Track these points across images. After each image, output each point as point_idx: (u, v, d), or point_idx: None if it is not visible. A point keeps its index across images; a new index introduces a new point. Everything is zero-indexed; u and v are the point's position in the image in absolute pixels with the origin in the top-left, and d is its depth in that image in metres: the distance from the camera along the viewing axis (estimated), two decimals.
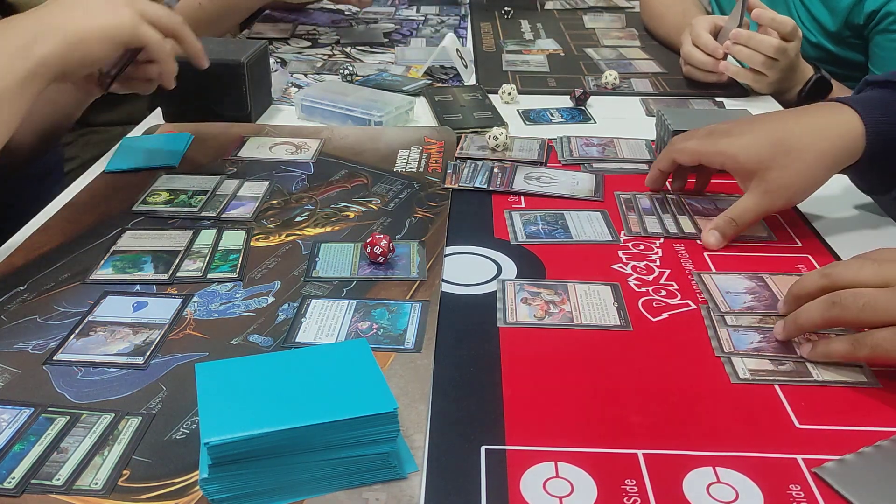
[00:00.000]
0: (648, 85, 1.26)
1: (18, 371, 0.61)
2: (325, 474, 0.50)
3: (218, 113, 1.08)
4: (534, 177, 0.94)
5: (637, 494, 0.50)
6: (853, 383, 0.60)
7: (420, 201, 0.88)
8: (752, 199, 0.78)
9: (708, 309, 0.69)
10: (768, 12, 1.13)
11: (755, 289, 0.70)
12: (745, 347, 0.64)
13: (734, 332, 0.66)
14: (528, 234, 0.81)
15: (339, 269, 0.75)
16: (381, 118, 1.07)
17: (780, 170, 0.76)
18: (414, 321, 0.67)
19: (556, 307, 0.70)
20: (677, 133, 0.94)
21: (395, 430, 0.50)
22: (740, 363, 0.62)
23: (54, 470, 0.52)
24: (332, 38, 1.51)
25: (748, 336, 0.65)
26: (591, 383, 0.61)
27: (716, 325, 0.67)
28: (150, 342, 0.65)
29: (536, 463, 0.53)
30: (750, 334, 0.65)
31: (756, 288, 0.70)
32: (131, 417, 0.56)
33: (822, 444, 0.55)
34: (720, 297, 0.69)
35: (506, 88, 1.19)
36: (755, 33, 1.14)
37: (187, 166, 0.96)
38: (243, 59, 1.05)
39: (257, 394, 0.50)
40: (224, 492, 0.48)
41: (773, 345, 0.64)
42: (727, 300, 0.69)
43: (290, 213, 0.86)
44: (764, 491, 0.51)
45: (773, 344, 0.64)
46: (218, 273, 0.74)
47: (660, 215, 0.84)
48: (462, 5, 1.80)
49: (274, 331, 0.66)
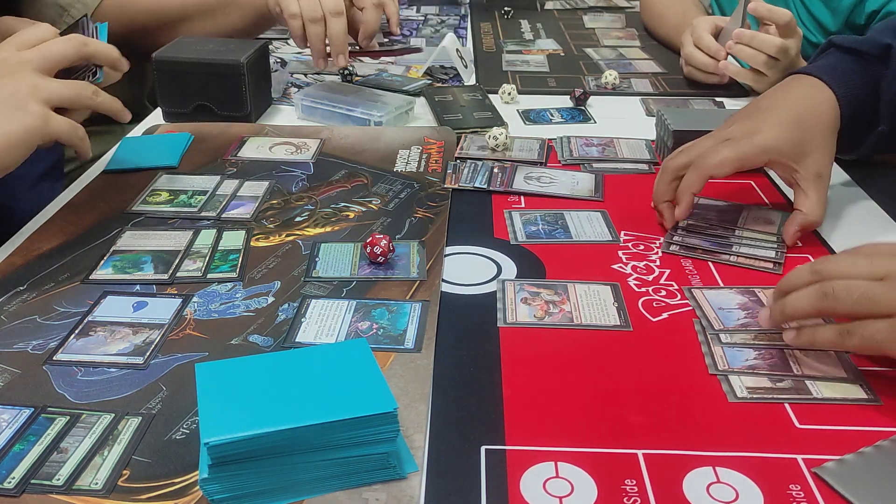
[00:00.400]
0: (648, 85, 1.26)
1: (18, 371, 0.61)
2: (325, 474, 0.50)
3: (218, 113, 1.08)
4: (534, 177, 0.94)
5: (637, 494, 0.50)
6: (853, 400, 0.59)
7: (420, 201, 0.88)
8: (813, 188, 0.79)
9: (702, 325, 0.67)
10: (764, 5, 1.14)
11: (748, 304, 0.69)
12: (740, 365, 0.62)
13: (728, 349, 0.64)
14: (528, 234, 0.81)
15: (339, 269, 0.75)
16: (381, 118, 1.07)
17: (816, 150, 0.79)
18: (414, 321, 0.67)
19: (556, 307, 0.70)
20: (678, 133, 0.94)
21: (394, 430, 0.50)
22: (737, 381, 0.60)
23: (54, 470, 0.52)
24: None
25: (743, 353, 0.63)
26: (591, 383, 0.60)
27: (710, 342, 0.65)
28: (150, 342, 0.65)
29: (536, 463, 0.53)
30: (745, 351, 0.63)
31: (749, 304, 0.69)
32: (131, 417, 0.56)
33: (822, 444, 0.55)
34: (713, 315, 0.68)
35: (506, 88, 1.19)
36: (757, 33, 1.14)
37: (187, 166, 0.96)
38: (243, 59, 1.05)
39: (257, 394, 0.50)
40: (224, 492, 0.48)
41: (769, 362, 0.62)
42: (720, 317, 0.67)
43: (290, 213, 0.86)
44: (764, 491, 0.51)
45: (769, 361, 0.62)
46: (218, 273, 0.74)
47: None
48: (462, 5, 1.81)
49: (274, 331, 0.66)
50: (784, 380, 0.61)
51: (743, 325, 0.66)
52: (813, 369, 0.61)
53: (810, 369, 0.61)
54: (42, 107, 0.73)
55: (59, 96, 0.75)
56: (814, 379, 0.60)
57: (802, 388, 0.60)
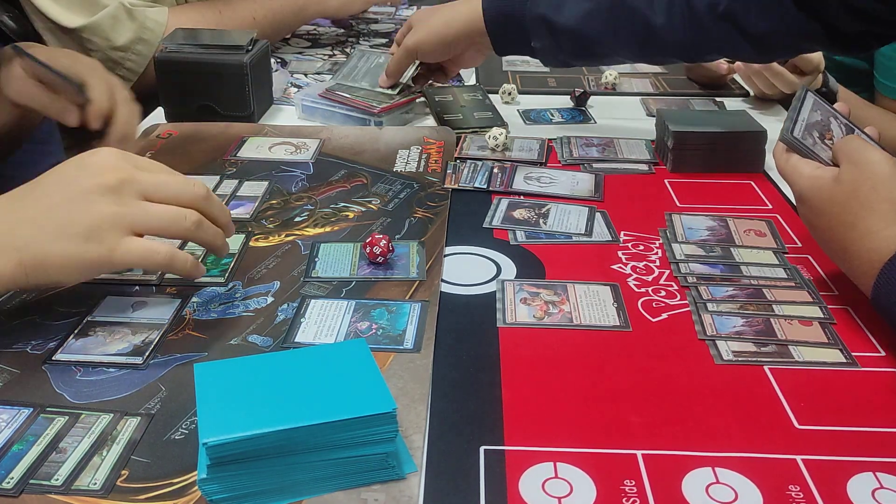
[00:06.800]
0: (648, 85, 1.26)
1: (18, 371, 0.61)
2: (324, 474, 0.50)
3: (220, 113, 1.08)
4: (534, 177, 0.94)
5: (636, 495, 0.50)
6: (832, 364, 0.62)
7: (420, 201, 0.88)
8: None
9: (692, 296, 0.70)
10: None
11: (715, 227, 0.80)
12: (728, 331, 0.66)
13: (717, 317, 0.68)
14: (527, 235, 0.81)
15: (339, 269, 0.75)
16: (381, 118, 1.07)
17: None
18: (413, 321, 0.67)
19: (556, 307, 0.70)
20: (678, 133, 0.94)
21: (393, 431, 0.50)
22: (724, 346, 0.64)
23: (53, 470, 0.52)
24: (333, 38, 1.51)
25: (731, 321, 0.67)
26: (590, 383, 0.60)
27: (699, 310, 0.68)
28: (150, 342, 0.65)
29: (535, 463, 0.53)
30: (732, 319, 0.67)
31: (716, 227, 0.80)
32: (130, 417, 0.56)
33: (822, 445, 0.54)
34: (681, 231, 0.80)
35: (506, 88, 1.19)
36: (784, 71, 1.11)
37: (187, 166, 0.96)
38: (245, 59, 1.05)
39: (256, 394, 0.50)
40: (223, 492, 0.48)
41: (755, 329, 0.66)
42: (686, 234, 0.79)
43: (289, 213, 0.86)
44: (763, 491, 0.51)
45: (755, 328, 0.66)
46: (206, 277, 0.73)
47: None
48: None
49: (273, 331, 0.66)
50: (768, 345, 0.64)
51: (703, 240, 0.77)
52: (796, 335, 0.65)
53: (794, 335, 0.65)
54: (118, 236, 0.62)
55: (148, 227, 0.63)
56: (796, 344, 0.64)
57: (786, 352, 0.64)
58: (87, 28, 1.16)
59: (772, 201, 0.89)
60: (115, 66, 1.19)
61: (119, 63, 1.19)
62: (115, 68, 1.19)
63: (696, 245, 0.79)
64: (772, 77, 1.11)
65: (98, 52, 1.18)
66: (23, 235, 0.61)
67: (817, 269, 0.75)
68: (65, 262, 0.61)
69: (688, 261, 0.76)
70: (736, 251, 0.77)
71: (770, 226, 0.82)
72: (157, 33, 1.19)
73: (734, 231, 0.81)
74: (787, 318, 0.67)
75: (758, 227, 0.82)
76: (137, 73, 1.20)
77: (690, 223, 0.83)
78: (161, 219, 0.63)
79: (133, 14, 1.18)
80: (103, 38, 1.17)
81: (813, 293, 0.71)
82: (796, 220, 0.84)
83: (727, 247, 0.78)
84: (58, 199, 0.62)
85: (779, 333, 0.66)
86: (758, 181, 0.93)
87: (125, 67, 1.19)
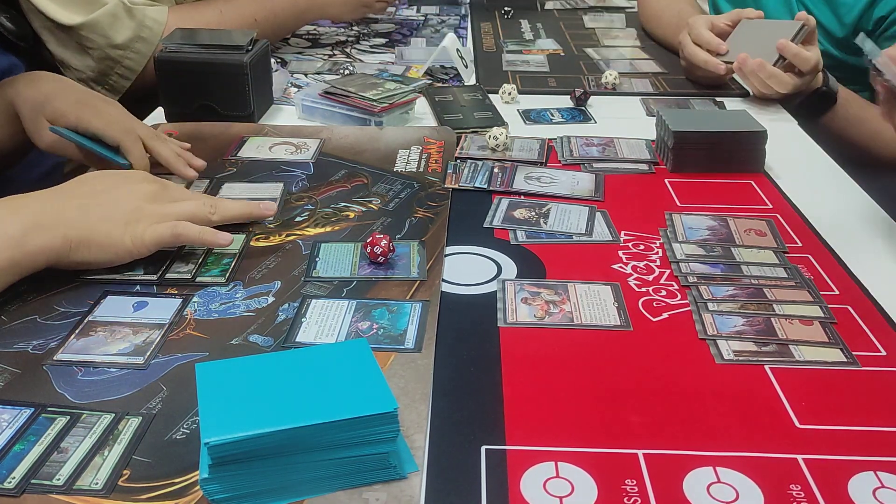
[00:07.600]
0: (648, 85, 1.26)
1: (18, 371, 0.61)
2: (325, 474, 0.50)
3: (220, 113, 1.08)
4: (534, 177, 0.94)
5: (637, 494, 0.50)
6: (833, 363, 0.62)
7: (420, 201, 0.88)
8: None
9: (693, 296, 0.70)
10: (793, 47, 1.10)
11: (715, 227, 0.80)
12: (728, 331, 0.66)
13: (718, 316, 0.68)
14: (528, 234, 0.81)
15: (340, 269, 0.75)
16: (381, 118, 1.07)
17: None
18: (414, 321, 0.67)
19: (557, 307, 0.70)
20: (678, 133, 0.94)
21: (395, 430, 0.50)
22: (724, 345, 0.64)
23: (54, 470, 0.52)
24: (333, 39, 1.51)
25: (731, 320, 0.67)
26: (591, 383, 0.61)
27: (700, 310, 0.68)
28: (151, 342, 0.65)
29: (537, 463, 0.53)
30: (733, 318, 0.67)
31: (716, 226, 0.80)
32: (131, 417, 0.56)
33: (823, 444, 0.55)
34: (681, 231, 0.80)
35: (506, 88, 1.19)
36: (778, 72, 1.11)
37: None
38: (245, 58, 1.05)
39: (257, 394, 0.50)
40: (224, 492, 0.48)
41: (755, 328, 0.66)
42: (686, 234, 0.79)
43: (289, 213, 0.86)
44: (764, 491, 0.51)
45: (755, 328, 0.66)
46: (207, 277, 0.74)
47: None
48: (462, 5, 1.80)
49: (274, 331, 0.66)
50: (769, 344, 0.64)
51: (703, 240, 0.77)
52: (797, 334, 0.65)
53: (794, 335, 0.65)
54: (151, 223, 0.72)
55: (184, 211, 0.75)
56: (797, 343, 0.64)
57: (786, 351, 0.64)
58: (85, 26, 1.16)
59: (772, 201, 0.89)
60: (113, 64, 1.19)
61: (118, 61, 1.19)
62: (114, 66, 1.19)
63: (696, 245, 0.79)
64: (767, 78, 1.11)
65: (97, 50, 1.18)
66: (71, 216, 0.70)
67: (817, 268, 0.75)
68: (106, 243, 0.70)
69: (688, 260, 0.76)
70: (736, 251, 0.77)
71: (770, 225, 0.82)
72: (157, 32, 1.19)
73: (734, 231, 0.81)
74: (788, 318, 0.67)
75: (758, 226, 0.82)
76: (136, 72, 1.20)
77: (691, 223, 0.83)
78: (185, 209, 0.75)
79: (132, 12, 1.18)
80: (102, 36, 1.17)
81: (813, 293, 0.71)
82: (796, 219, 0.85)
83: (727, 246, 0.78)
84: (102, 189, 0.73)
85: (779, 333, 0.66)
86: (758, 181, 0.93)
87: (124, 66, 1.19)
